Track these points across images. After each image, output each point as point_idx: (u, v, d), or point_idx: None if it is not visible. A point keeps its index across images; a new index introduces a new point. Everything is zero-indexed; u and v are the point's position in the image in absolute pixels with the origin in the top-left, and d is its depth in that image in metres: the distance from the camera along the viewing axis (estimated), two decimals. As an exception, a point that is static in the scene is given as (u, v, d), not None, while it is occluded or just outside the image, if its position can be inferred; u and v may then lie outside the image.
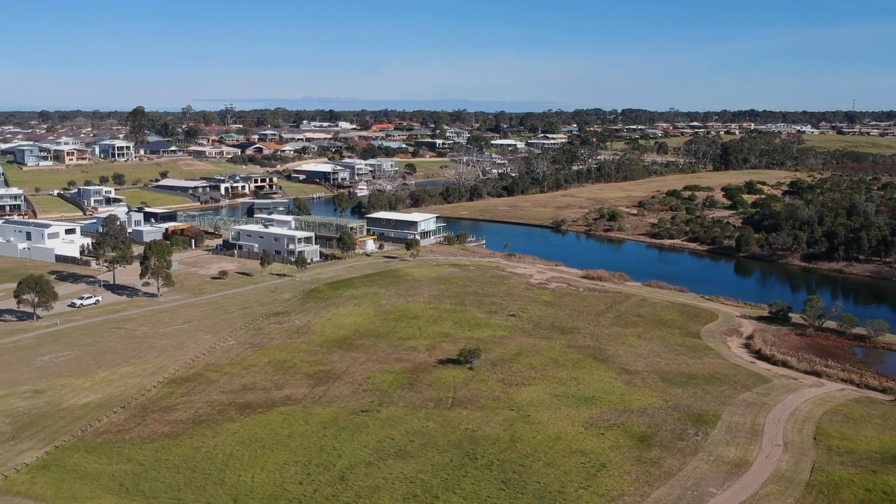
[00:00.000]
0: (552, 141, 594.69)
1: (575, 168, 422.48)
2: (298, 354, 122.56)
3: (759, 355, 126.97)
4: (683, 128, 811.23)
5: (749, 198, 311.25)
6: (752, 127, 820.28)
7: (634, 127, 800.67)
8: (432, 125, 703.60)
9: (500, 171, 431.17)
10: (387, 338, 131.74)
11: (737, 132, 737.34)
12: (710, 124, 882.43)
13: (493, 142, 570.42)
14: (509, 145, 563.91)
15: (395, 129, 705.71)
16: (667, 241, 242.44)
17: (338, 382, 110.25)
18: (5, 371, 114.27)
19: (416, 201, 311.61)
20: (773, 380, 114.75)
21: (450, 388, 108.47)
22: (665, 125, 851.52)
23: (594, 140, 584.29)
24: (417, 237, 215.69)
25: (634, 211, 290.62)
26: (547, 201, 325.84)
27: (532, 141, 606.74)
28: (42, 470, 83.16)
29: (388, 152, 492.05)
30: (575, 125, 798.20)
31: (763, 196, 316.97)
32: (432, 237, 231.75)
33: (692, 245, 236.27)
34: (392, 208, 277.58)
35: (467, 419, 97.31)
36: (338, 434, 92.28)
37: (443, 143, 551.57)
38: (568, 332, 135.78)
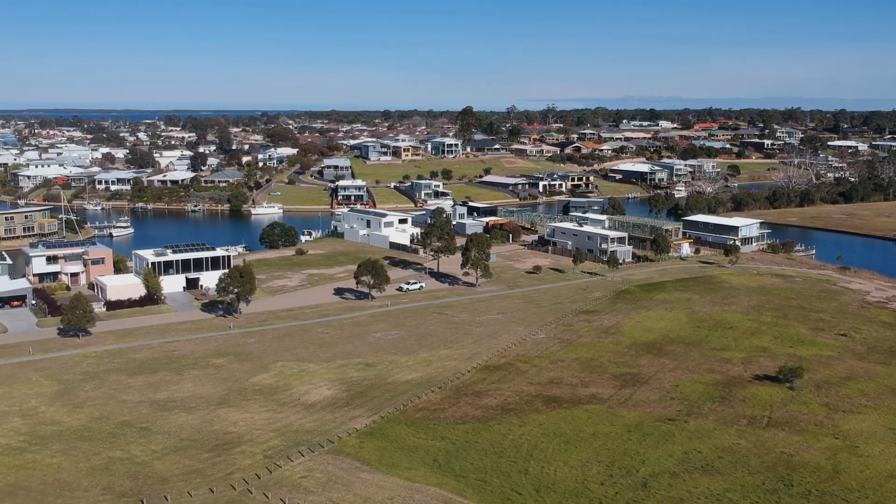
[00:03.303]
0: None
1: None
2: (606, 354, 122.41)
3: None
4: None
5: None
6: None
7: None
8: (760, 124, 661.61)
9: (836, 175, 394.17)
10: (698, 346, 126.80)
11: None
12: None
13: (829, 143, 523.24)
14: (849, 147, 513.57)
15: (719, 128, 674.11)
16: None
17: (645, 387, 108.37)
18: (344, 344, 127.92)
19: (737, 205, 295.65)
20: None
21: (765, 406, 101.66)
22: None
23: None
24: (737, 243, 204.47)
25: None
26: (892, 210, 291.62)
27: (877, 143, 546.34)
28: (369, 436, 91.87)
29: (710, 153, 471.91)
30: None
31: None
32: (754, 244, 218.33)
33: None
34: (711, 211, 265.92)
35: (784, 442, 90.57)
36: (642, 439, 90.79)
37: (771, 144, 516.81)
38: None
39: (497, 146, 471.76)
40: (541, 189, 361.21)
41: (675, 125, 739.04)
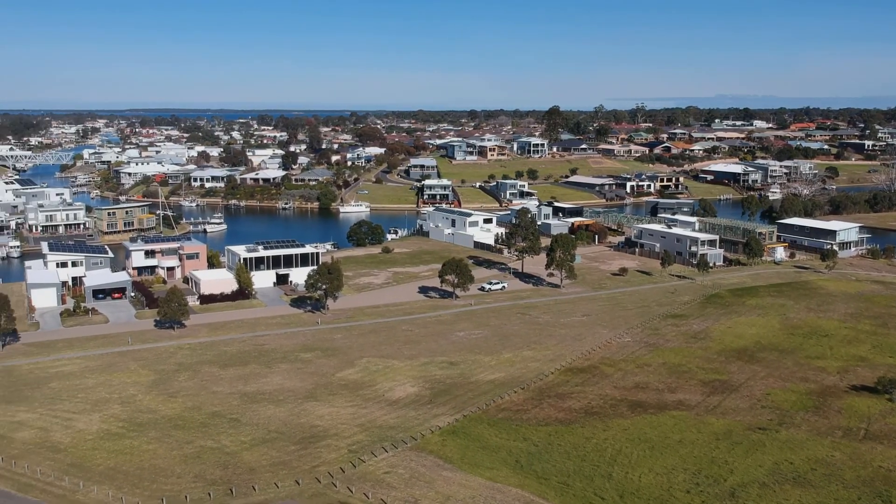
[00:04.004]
0: None
1: None
2: (694, 360, 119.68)
3: None
4: None
5: None
6: None
7: None
8: (861, 125, 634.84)
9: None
10: (792, 354, 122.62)
11: None
12: None
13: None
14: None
15: (817, 128, 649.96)
16: None
17: (734, 394, 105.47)
18: (428, 342, 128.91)
19: (835, 208, 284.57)
20: None
21: (863, 418, 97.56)
22: None
23: None
24: (835, 247, 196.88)
25: None
26: None
27: None
28: (451, 435, 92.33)
29: (807, 153, 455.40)
30: None
31: None
32: (853, 249, 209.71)
33: None
34: (807, 214, 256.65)
35: (882, 456, 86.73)
36: (731, 448, 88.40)
37: (873, 145, 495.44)
38: None
39: (584, 146, 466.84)
40: (628, 190, 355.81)
41: (769, 125, 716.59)
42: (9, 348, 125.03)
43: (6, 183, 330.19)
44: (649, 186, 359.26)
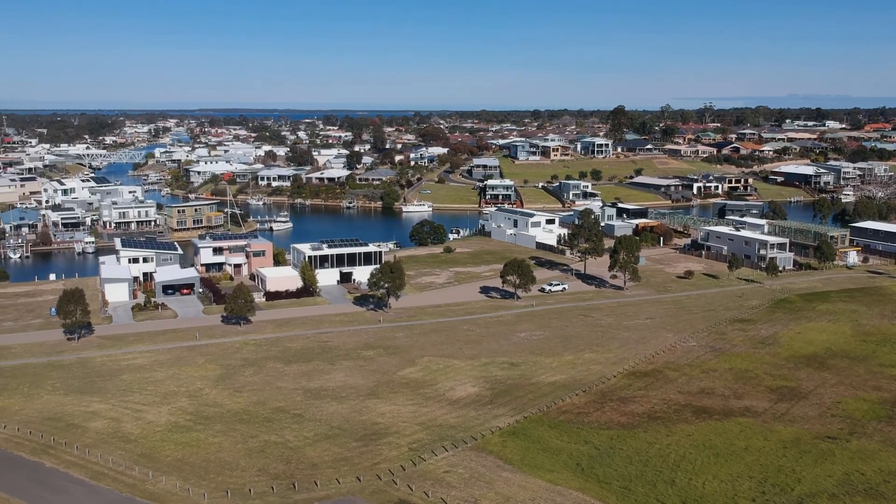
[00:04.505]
0: None
1: None
2: (761, 366, 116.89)
3: None
4: None
5: None
6: None
7: None
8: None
9: None
10: (864, 361, 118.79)
11: None
12: None
13: None
14: None
15: (893, 128, 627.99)
16: None
17: (803, 402, 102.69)
18: (489, 342, 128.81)
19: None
20: None
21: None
22: None
23: None
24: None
25: None
26: None
27: None
28: (511, 436, 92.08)
29: (882, 155, 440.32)
30: None
31: None
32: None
33: None
34: (882, 218, 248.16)
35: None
36: (799, 457, 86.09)
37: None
38: None
39: (649, 146, 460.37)
40: (695, 191, 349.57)
41: (843, 125, 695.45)
42: (83, 340, 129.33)
43: (82, 181, 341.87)
44: (717, 188, 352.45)
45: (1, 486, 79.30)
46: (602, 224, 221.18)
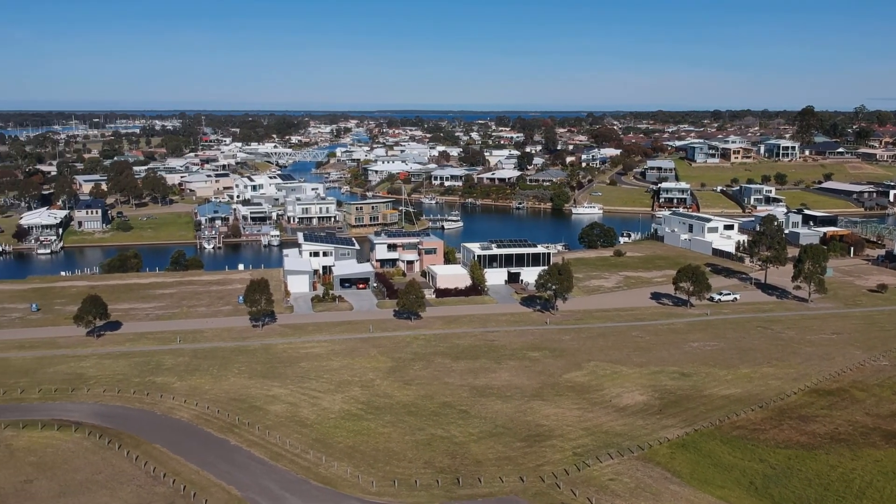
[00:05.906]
0: None
1: None
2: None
3: None
4: None
5: None
6: None
7: None
8: None
9: None
10: None
11: None
12: None
13: None
14: None
15: None
16: None
17: None
18: (659, 350, 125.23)
19: None
20: None
21: None
22: None
23: None
24: None
25: None
26: None
27: None
28: (681, 448, 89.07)
29: None
30: None
31: None
32: None
33: None
34: None
35: None
36: None
37: None
38: None
39: (840, 149, 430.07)
40: (892, 198, 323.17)
41: None
42: (267, 328, 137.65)
43: (270, 178, 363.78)
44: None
45: (193, 460, 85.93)
46: (786, 231, 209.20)
